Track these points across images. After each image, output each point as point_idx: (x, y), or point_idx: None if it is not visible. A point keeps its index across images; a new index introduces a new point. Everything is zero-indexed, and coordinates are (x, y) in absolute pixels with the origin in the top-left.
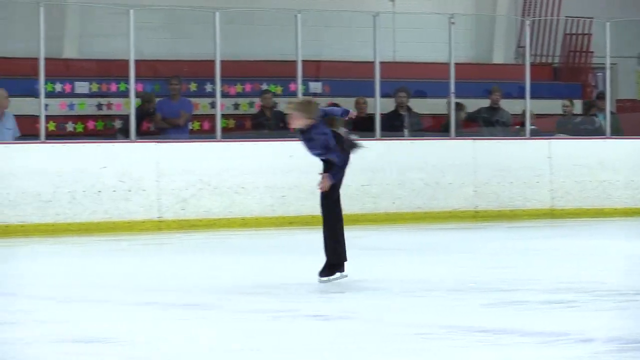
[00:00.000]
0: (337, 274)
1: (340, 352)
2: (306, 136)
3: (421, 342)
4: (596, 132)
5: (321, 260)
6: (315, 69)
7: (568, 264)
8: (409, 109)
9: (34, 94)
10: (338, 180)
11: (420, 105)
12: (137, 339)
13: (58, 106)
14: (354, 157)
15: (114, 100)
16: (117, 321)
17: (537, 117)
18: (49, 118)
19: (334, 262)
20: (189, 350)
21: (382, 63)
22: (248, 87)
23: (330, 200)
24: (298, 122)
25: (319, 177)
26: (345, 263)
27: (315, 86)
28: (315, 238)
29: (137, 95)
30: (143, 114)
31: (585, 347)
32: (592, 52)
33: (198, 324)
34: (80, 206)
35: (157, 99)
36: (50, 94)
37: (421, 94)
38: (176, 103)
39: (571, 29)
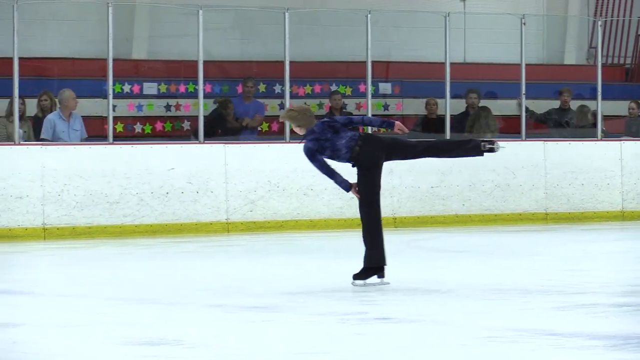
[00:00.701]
0: (376, 279)
1: (409, 355)
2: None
3: (491, 346)
4: None
5: (388, 262)
6: (384, 69)
7: (639, 266)
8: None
9: (102, 95)
10: (369, 184)
11: (491, 107)
12: (205, 342)
13: (126, 107)
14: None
15: (182, 102)
16: (185, 323)
17: (605, 118)
18: (117, 119)
19: (369, 265)
20: (256, 353)
21: (452, 64)
22: (317, 88)
23: (364, 203)
24: (297, 130)
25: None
26: (385, 268)
27: (385, 87)
28: (385, 240)
29: (216, 100)
30: (219, 119)
31: None
32: None
33: (266, 326)
34: (148, 208)
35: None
36: (118, 95)
37: (492, 95)
38: (249, 104)
39: None
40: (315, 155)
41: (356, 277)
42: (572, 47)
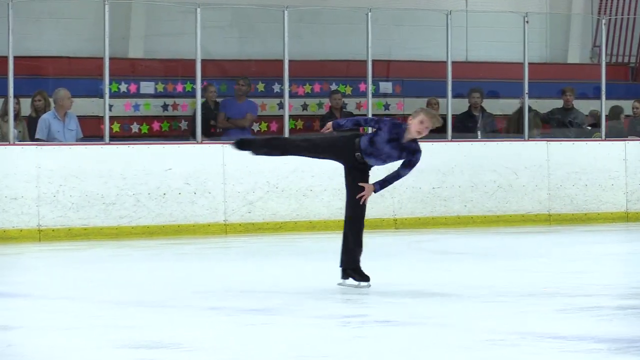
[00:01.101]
0: (346, 280)
1: (410, 358)
2: (406, 146)
3: (493, 349)
4: None
5: (389, 264)
6: (385, 68)
7: None
8: (482, 110)
9: (99, 95)
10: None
11: (493, 106)
12: (203, 345)
13: (123, 107)
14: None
15: (179, 101)
16: (183, 327)
17: (608, 118)
18: (113, 119)
19: (358, 265)
20: (256, 356)
21: (454, 63)
22: (317, 87)
23: (362, 206)
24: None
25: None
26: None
27: (386, 86)
28: (384, 242)
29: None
30: (209, 106)
31: None
32: None
33: (265, 329)
34: (145, 209)
35: (222, 99)
36: (115, 95)
37: (494, 95)
38: (242, 104)
39: None
40: None
41: (359, 279)
42: (576, 45)
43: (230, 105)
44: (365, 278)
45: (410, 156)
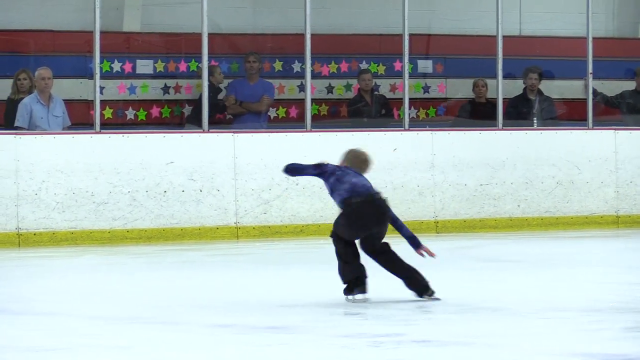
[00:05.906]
0: (358, 294)
1: None
2: None
3: None
4: None
5: (428, 274)
6: (425, 44)
7: None
8: (540, 93)
9: (88, 75)
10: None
11: (551, 88)
12: None
13: (116, 89)
14: None
15: (182, 82)
16: (185, 347)
17: None
18: (105, 103)
19: (343, 282)
20: None
21: (505, 37)
22: (344, 66)
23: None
24: None
25: None
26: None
27: (425, 65)
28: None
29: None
30: (215, 91)
31: None
32: None
33: (283, 350)
34: (142, 209)
35: (231, 80)
36: (107, 75)
37: (551, 75)
38: (254, 85)
39: None
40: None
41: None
42: None
43: (241, 87)
44: (345, 292)
45: None
